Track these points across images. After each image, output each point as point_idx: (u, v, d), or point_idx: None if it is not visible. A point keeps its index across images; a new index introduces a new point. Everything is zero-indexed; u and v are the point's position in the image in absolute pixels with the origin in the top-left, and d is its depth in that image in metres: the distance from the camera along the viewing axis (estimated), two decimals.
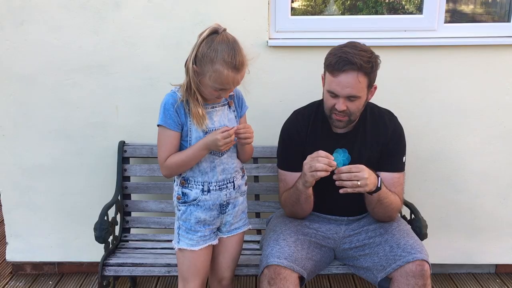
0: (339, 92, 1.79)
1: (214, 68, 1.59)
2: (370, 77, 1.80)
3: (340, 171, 1.72)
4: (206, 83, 1.63)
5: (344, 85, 1.76)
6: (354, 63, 1.73)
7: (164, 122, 1.70)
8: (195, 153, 1.71)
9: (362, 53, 1.76)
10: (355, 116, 1.86)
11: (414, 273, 1.73)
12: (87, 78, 2.41)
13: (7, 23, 2.34)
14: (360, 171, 1.72)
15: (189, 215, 1.78)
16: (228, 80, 1.61)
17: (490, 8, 2.75)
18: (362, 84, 1.78)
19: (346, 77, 1.75)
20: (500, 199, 2.57)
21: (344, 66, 1.74)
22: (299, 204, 1.92)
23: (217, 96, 1.69)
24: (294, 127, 2.00)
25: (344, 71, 1.75)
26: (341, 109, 1.81)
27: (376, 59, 1.81)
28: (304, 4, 2.82)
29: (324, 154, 1.73)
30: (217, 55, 1.58)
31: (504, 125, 2.47)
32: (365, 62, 1.75)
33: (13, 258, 2.68)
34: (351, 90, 1.77)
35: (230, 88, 1.66)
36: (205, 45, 1.60)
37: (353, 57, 1.74)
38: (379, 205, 1.87)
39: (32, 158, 2.51)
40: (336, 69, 1.76)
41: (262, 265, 1.81)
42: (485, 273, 2.74)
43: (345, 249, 2.00)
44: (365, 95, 1.83)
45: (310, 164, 1.74)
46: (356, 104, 1.82)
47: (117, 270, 2.11)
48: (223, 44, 1.59)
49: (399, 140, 1.97)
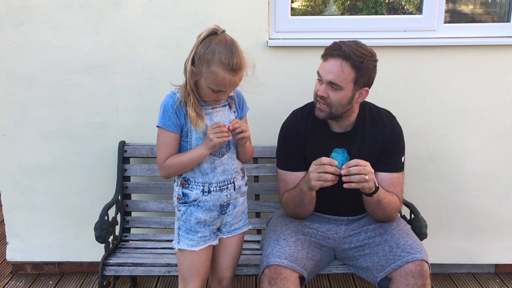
0: (323, 76, 1.82)
1: (210, 70, 1.58)
2: (358, 73, 1.78)
3: (349, 165, 1.73)
4: (203, 85, 1.63)
5: (328, 70, 1.80)
6: (343, 50, 1.76)
7: (163, 123, 1.70)
8: (194, 155, 1.70)
9: (358, 48, 1.78)
10: (336, 109, 1.85)
11: (413, 273, 1.73)
12: (87, 78, 2.41)
13: (7, 23, 2.34)
14: (366, 165, 1.74)
15: (190, 215, 1.78)
16: (224, 82, 1.60)
17: (490, 8, 2.75)
18: (346, 75, 1.78)
19: (331, 63, 1.79)
20: (500, 199, 2.57)
21: (333, 51, 1.79)
22: (303, 205, 1.93)
23: (215, 98, 1.68)
24: (293, 127, 2.00)
25: (332, 55, 1.79)
26: (321, 94, 1.83)
27: (371, 60, 1.80)
28: (304, 4, 2.81)
29: (327, 161, 1.74)
30: (214, 57, 1.57)
31: (504, 125, 2.47)
32: (355, 55, 1.76)
33: (13, 258, 2.68)
34: (333, 76, 1.78)
35: (227, 91, 1.66)
36: (203, 46, 1.59)
37: (345, 46, 1.77)
38: (379, 206, 1.87)
39: (32, 158, 2.51)
40: (326, 54, 1.82)
41: (263, 265, 1.81)
42: (485, 273, 2.74)
43: (345, 249, 2.00)
44: (349, 90, 1.81)
45: (318, 173, 1.74)
46: (338, 96, 1.81)
47: (117, 270, 2.11)
48: (221, 45, 1.58)
49: (397, 140, 1.97)
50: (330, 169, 1.73)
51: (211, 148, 1.68)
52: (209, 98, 1.69)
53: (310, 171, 1.78)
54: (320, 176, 1.74)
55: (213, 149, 1.69)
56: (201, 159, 1.72)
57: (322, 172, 1.73)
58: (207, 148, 1.68)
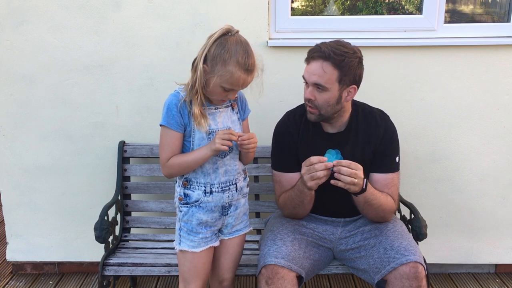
0: (307, 79, 1.83)
1: (226, 69, 1.59)
2: (341, 71, 1.77)
3: (340, 163, 1.72)
4: (216, 83, 1.62)
5: (311, 72, 1.80)
6: (322, 51, 1.77)
7: (167, 122, 1.70)
8: (197, 156, 1.70)
9: (338, 47, 1.78)
10: (325, 111, 1.84)
11: (408, 275, 1.72)
12: (87, 78, 2.41)
13: (7, 23, 2.34)
14: (358, 170, 1.73)
15: (191, 216, 1.78)
16: (238, 82, 1.62)
17: (490, 8, 2.75)
18: (329, 75, 1.77)
19: (313, 65, 1.80)
20: (500, 199, 2.57)
21: (313, 53, 1.80)
22: (303, 206, 1.92)
23: (224, 96, 1.68)
24: (286, 128, 1.99)
25: (313, 58, 1.80)
26: (308, 97, 1.83)
27: (353, 57, 1.78)
28: (304, 4, 2.81)
29: (316, 159, 1.73)
30: (231, 56, 1.58)
31: (504, 125, 2.47)
32: (335, 54, 1.75)
33: (13, 258, 2.68)
34: (317, 78, 1.78)
35: (238, 90, 1.67)
36: (218, 46, 1.60)
37: (325, 47, 1.78)
38: (368, 206, 1.87)
39: (32, 158, 2.51)
40: (308, 57, 1.84)
41: (260, 265, 1.81)
42: (485, 273, 2.75)
43: (342, 250, 2.00)
44: (335, 90, 1.80)
45: (310, 174, 1.74)
46: (324, 97, 1.81)
47: (117, 270, 2.11)
48: (238, 45, 1.60)
49: (391, 140, 1.96)
50: (320, 168, 1.72)
51: (213, 151, 1.67)
52: (218, 97, 1.68)
53: (302, 173, 1.77)
54: (312, 176, 1.73)
55: (215, 152, 1.69)
56: (204, 160, 1.71)
57: (313, 171, 1.73)
58: (210, 150, 1.68)
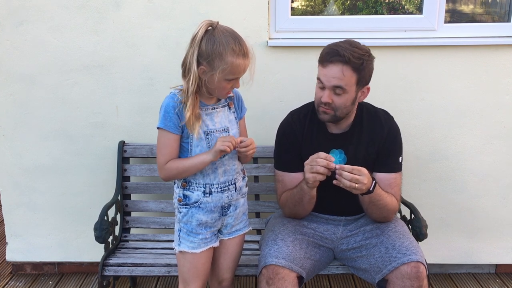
0: (325, 83, 1.81)
1: (225, 61, 1.58)
2: (359, 74, 1.79)
3: (343, 168, 1.72)
4: (219, 78, 1.61)
5: (330, 76, 1.79)
6: (342, 55, 1.76)
7: (164, 125, 1.69)
8: (197, 161, 1.69)
9: (354, 49, 1.78)
10: (341, 112, 1.85)
11: (409, 275, 1.72)
12: (87, 78, 2.41)
13: (7, 23, 2.34)
14: (361, 175, 1.73)
15: (191, 217, 1.77)
16: (240, 69, 1.62)
17: (490, 8, 2.75)
18: (348, 78, 1.78)
19: (332, 68, 1.78)
20: (500, 199, 2.57)
21: (332, 57, 1.78)
22: (302, 204, 1.92)
23: (230, 88, 1.68)
24: (290, 128, 1.99)
25: (332, 61, 1.78)
26: (325, 101, 1.82)
27: (369, 59, 1.81)
28: (304, 4, 2.81)
29: (323, 155, 1.74)
30: (225, 48, 1.58)
31: (504, 125, 2.47)
32: (354, 57, 1.76)
33: (13, 258, 2.68)
34: (337, 81, 1.78)
35: (240, 76, 1.67)
36: (208, 42, 1.59)
37: (343, 50, 1.76)
38: (372, 206, 1.87)
39: (32, 158, 2.51)
40: (325, 60, 1.81)
41: (260, 265, 1.81)
42: (485, 273, 2.74)
43: (343, 250, 2.00)
44: (353, 92, 1.82)
45: (311, 165, 1.75)
46: (342, 99, 1.82)
47: (117, 270, 2.11)
48: (226, 35, 1.60)
49: (395, 140, 1.97)
50: (322, 163, 1.72)
51: (215, 152, 1.67)
52: (224, 90, 1.68)
53: (305, 163, 1.78)
54: (311, 168, 1.74)
55: (217, 154, 1.67)
56: (204, 165, 1.70)
57: (314, 164, 1.73)
58: (211, 154, 1.67)
